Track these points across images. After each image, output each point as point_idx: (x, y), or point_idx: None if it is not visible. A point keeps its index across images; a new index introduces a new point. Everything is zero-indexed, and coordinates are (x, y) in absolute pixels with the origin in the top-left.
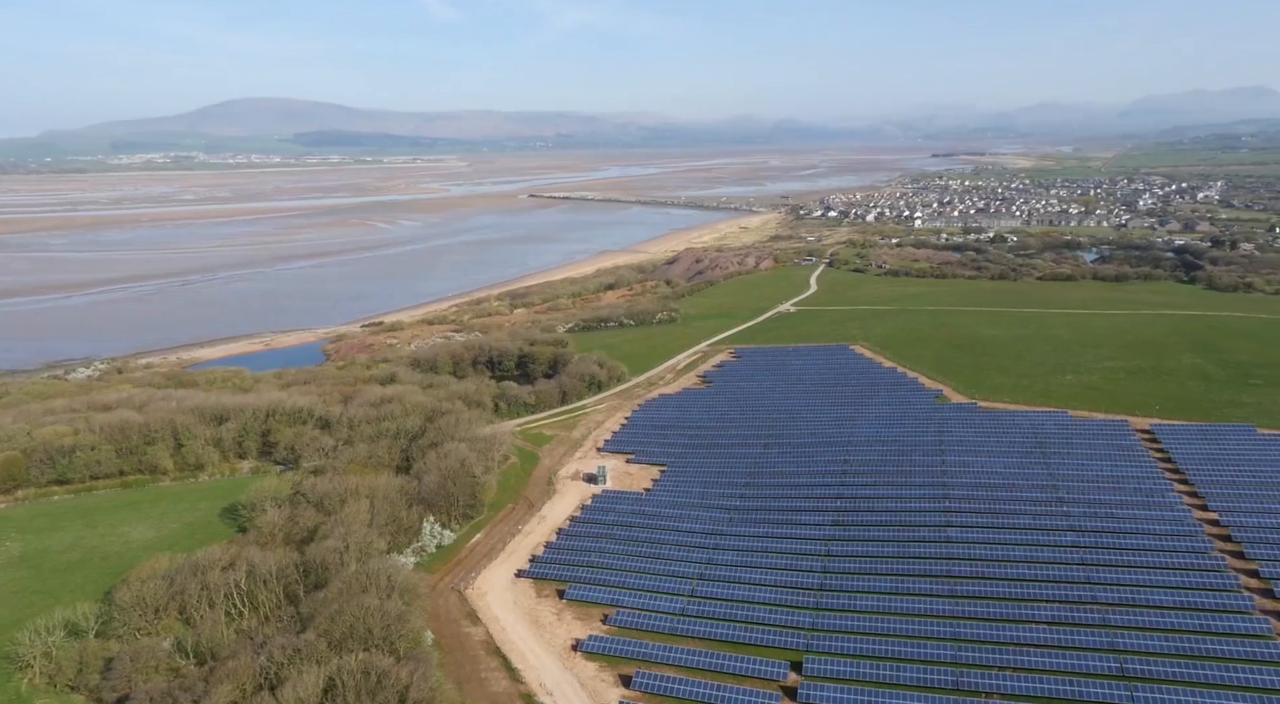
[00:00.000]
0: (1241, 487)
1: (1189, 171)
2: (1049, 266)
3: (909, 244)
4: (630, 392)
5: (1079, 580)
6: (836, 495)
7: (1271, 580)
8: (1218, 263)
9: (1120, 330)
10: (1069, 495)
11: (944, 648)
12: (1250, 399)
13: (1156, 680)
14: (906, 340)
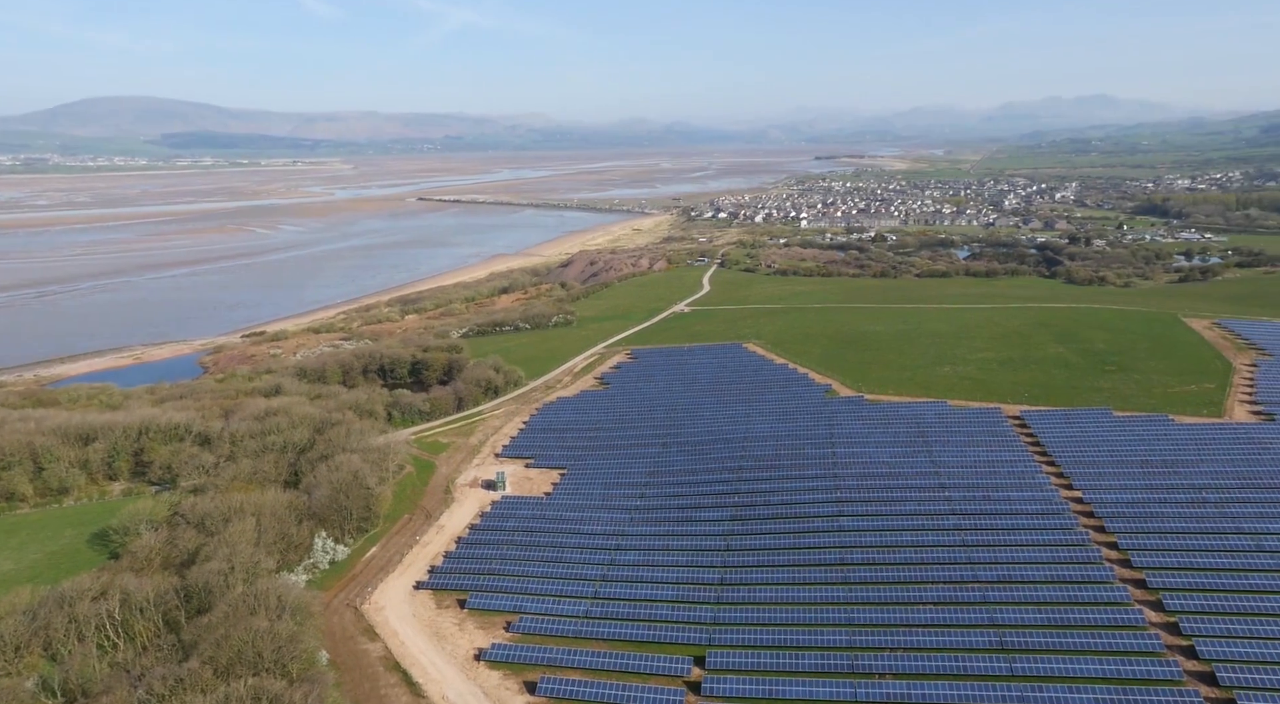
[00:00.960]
0: (1101, 465)
1: (1047, 173)
2: (926, 264)
3: (796, 244)
4: (528, 396)
5: (961, 561)
6: (734, 491)
7: (1129, 551)
8: (1075, 258)
9: (991, 323)
10: (950, 481)
11: (839, 633)
12: (1106, 384)
13: (1031, 651)
14: (796, 337)
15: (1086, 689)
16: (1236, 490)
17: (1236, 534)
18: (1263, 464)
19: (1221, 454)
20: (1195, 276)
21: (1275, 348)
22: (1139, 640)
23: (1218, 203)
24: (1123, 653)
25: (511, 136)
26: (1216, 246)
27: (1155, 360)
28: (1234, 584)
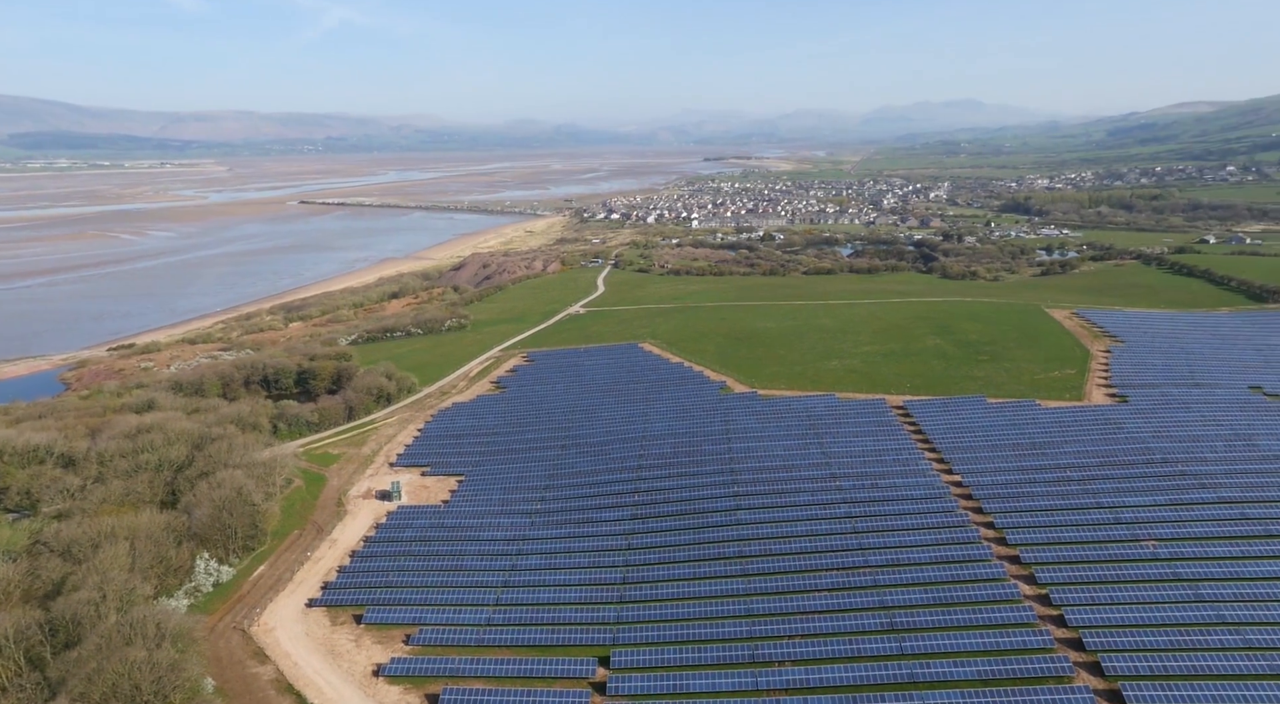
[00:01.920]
0: (977, 450)
1: (922, 174)
2: (812, 262)
3: (688, 244)
4: (422, 402)
5: (853, 548)
6: (634, 490)
7: (1004, 530)
8: (949, 254)
9: (874, 318)
10: (841, 471)
11: (739, 625)
12: (980, 373)
13: (919, 630)
14: (691, 336)
15: (969, 663)
16: (1096, 468)
17: (1097, 509)
18: (1118, 443)
19: (1082, 435)
20: (1055, 270)
21: (1126, 335)
22: (1015, 613)
23: (1073, 201)
24: (1001, 626)
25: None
26: (1073, 242)
27: (1022, 349)
28: (1096, 555)
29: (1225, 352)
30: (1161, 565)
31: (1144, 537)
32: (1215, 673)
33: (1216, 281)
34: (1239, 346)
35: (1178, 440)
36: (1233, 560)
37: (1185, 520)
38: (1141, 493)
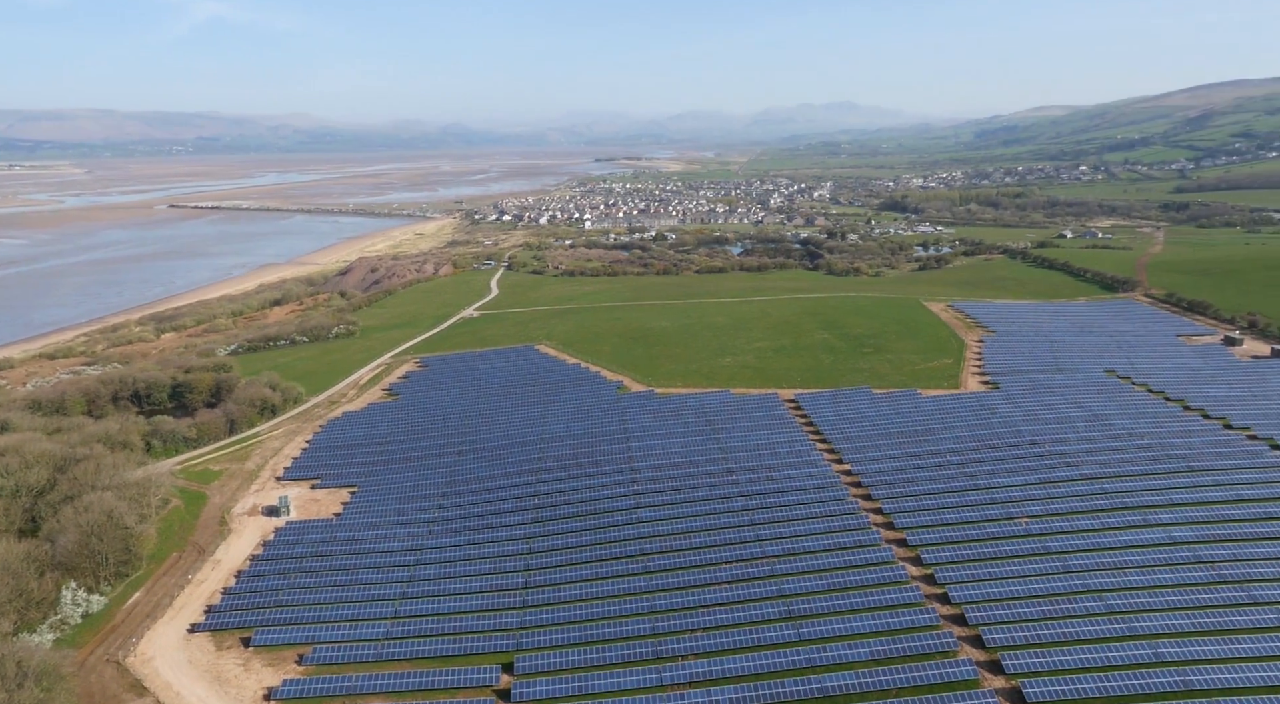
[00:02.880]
0: (865, 439)
1: (806, 174)
2: (704, 260)
3: (581, 245)
4: (310, 413)
5: (750, 539)
6: (534, 493)
7: (892, 515)
8: (833, 252)
9: (765, 314)
10: (737, 465)
11: (643, 622)
12: (866, 365)
13: (815, 615)
14: (587, 337)
15: (863, 644)
16: (973, 452)
17: (975, 490)
18: (991, 427)
19: (960, 421)
20: (932, 265)
21: (996, 325)
22: (903, 594)
23: (945, 199)
24: (891, 607)
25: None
26: (947, 238)
27: (904, 341)
28: (975, 534)
29: (1083, 338)
30: (1033, 541)
31: (1017, 515)
32: (1081, 638)
33: (1074, 273)
34: (1095, 333)
35: (1045, 423)
36: (1095, 532)
37: (1053, 498)
38: (1014, 474)
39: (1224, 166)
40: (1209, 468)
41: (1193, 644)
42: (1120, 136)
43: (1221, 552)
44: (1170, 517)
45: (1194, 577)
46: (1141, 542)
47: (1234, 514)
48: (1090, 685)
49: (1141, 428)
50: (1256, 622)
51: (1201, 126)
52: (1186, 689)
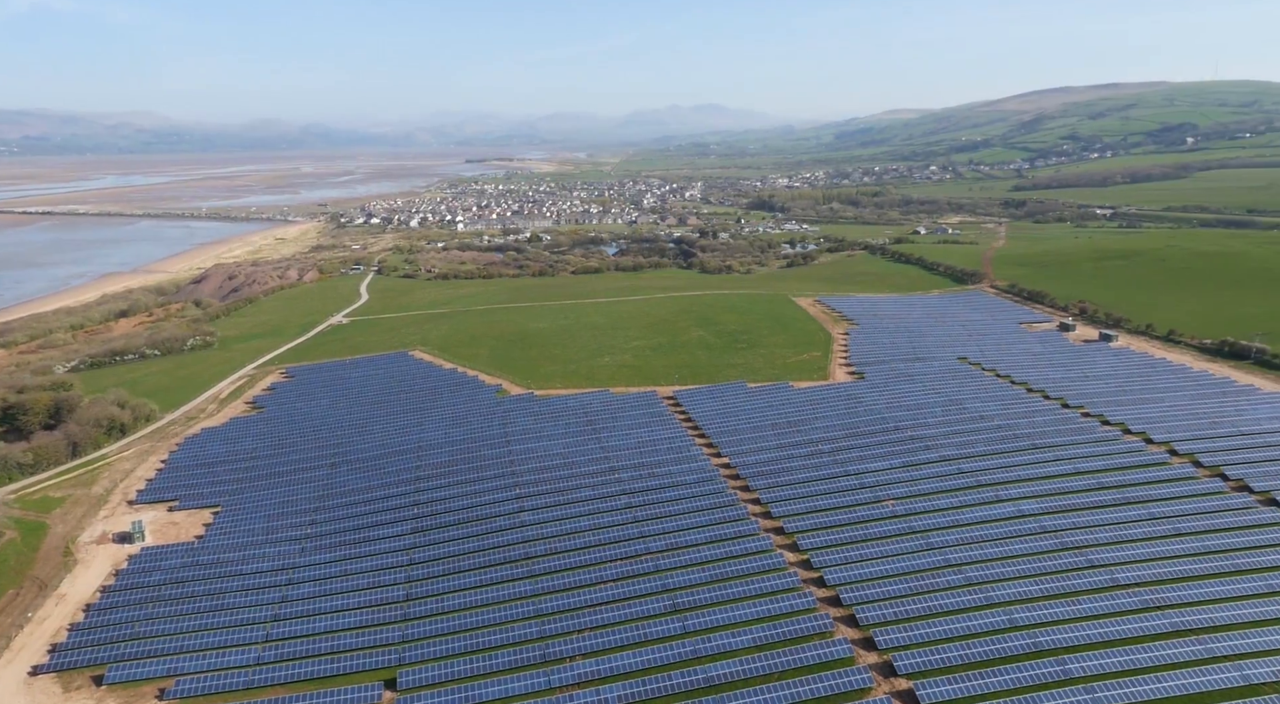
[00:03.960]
0: (742, 433)
1: (677, 174)
2: (580, 261)
3: (455, 248)
4: (165, 431)
5: (634, 536)
6: (413, 503)
7: (769, 504)
8: (706, 250)
9: (642, 313)
10: (619, 463)
11: (529, 626)
12: (740, 360)
13: (699, 607)
14: (463, 341)
15: (745, 631)
16: (843, 440)
17: (845, 476)
18: (859, 415)
19: (830, 411)
20: (799, 262)
21: (860, 318)
22: (782, 580)
23: (810, 199)
24: (770, 593)
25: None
26: (812, 235)
27: (775, 335)
28: (847, 518)
29: (939, 328)
30: (899, 521)
31: (884, 498)
32: (944, 610)
33: (928, 267)
34: (948, 323)
35: (906, 409)
36: (953, 510)
37: (916, 479)
38: (880, 458)
39: (1055, 166)
40: (1050, 444)
41: (1040, 608)
42: (965, 138)
43: (1063, 521)
44: (1019, 491)
45: (1040, 546)
46: (994, 516)
47: (1073, 486)
48: (953, 654)
49: (992, 410)
50: (1093, 583)
51: (1034, 130)
52: (1036, 650)
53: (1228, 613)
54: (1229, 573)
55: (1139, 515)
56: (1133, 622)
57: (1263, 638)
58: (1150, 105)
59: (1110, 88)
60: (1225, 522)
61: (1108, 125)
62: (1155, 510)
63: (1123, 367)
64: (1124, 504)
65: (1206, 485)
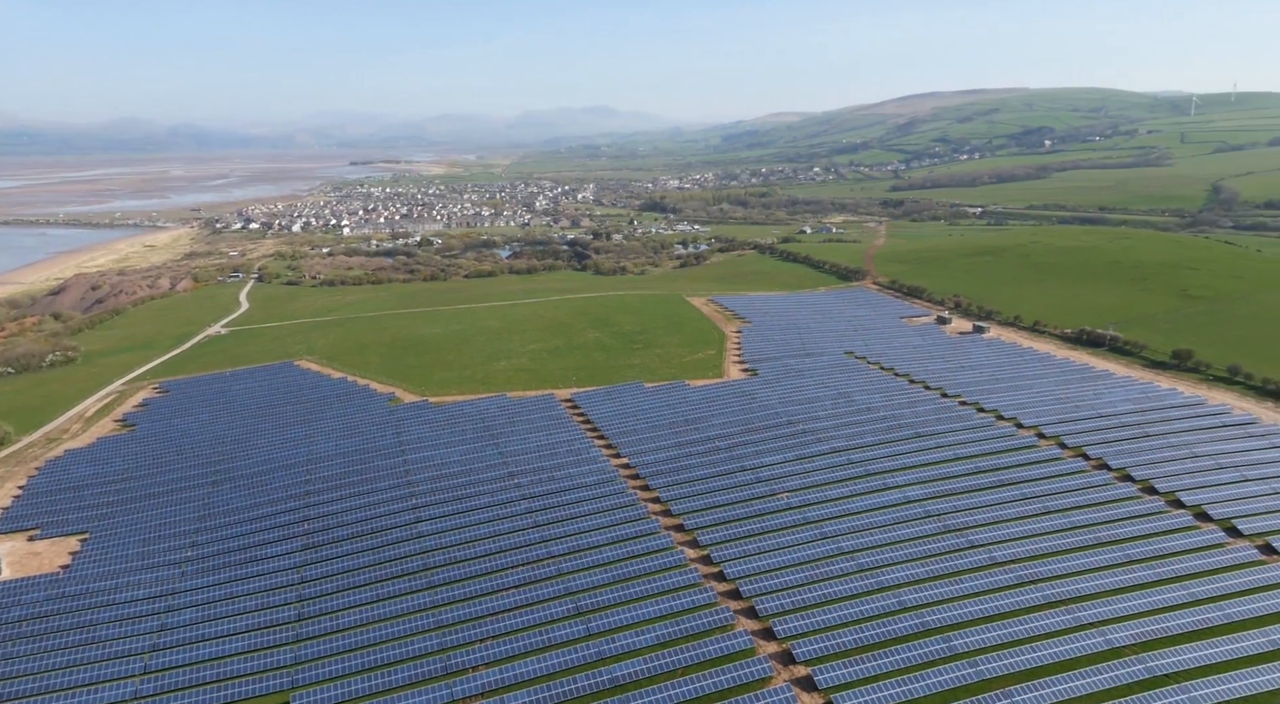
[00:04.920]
0: (640, 433)
1: (569, 176)
2: (473, 265)
3: (341, 253)
4: (22, 454)
5: (536, 541)
6: (303, 518)
7: (669, 502)
8: (600, 252)
9: (537, 316)
10: (518, 468)
11: (430, 639)
12: (637, 361)
13: (602, 609)
14: (353, 348)
15: (649, 630)
16: (739, 436)
17: (741, 471)
18: (753, 411)
19: (726, 408)
20: (692, 262)
21: (752, 316)
22: (683, 577)
23: (700, 200)
24: (672, 591)
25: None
26: (704, 236)
27: (670, 335)
28: (744, 512)
29: (826, 324)
30: (794, 513)
31: (780, 490)
32: (838, 596)
33: (815, 265)
34: (835, 319)
35: (798, 403)
36: (844, 499)
37: (809, 471)
38: (775, 452)
39: (928, 167)
40: (932, 432)
41: (927, 589)
42: (845, 141)
43: (945, 505)
44: (905, 479)
45: (925, 529)
46: (883, 503)
47: (953, 471)
48: (848, 638)
49: (878, 402)
50: (974, 562)
51: (908, 133)
52: (924, 629)
53: (1092, 583)
54: (1092, 546)
55: (1013, 496)
56: (1010, 596)
57: (1123, 604)
58: (1012, 110)
59: (976, 93)
60: (1088, 498)
61: (975, 129)
62: (1027, 491)
63: (995, 356)
64: (999, 486)
65: (1071, 465)
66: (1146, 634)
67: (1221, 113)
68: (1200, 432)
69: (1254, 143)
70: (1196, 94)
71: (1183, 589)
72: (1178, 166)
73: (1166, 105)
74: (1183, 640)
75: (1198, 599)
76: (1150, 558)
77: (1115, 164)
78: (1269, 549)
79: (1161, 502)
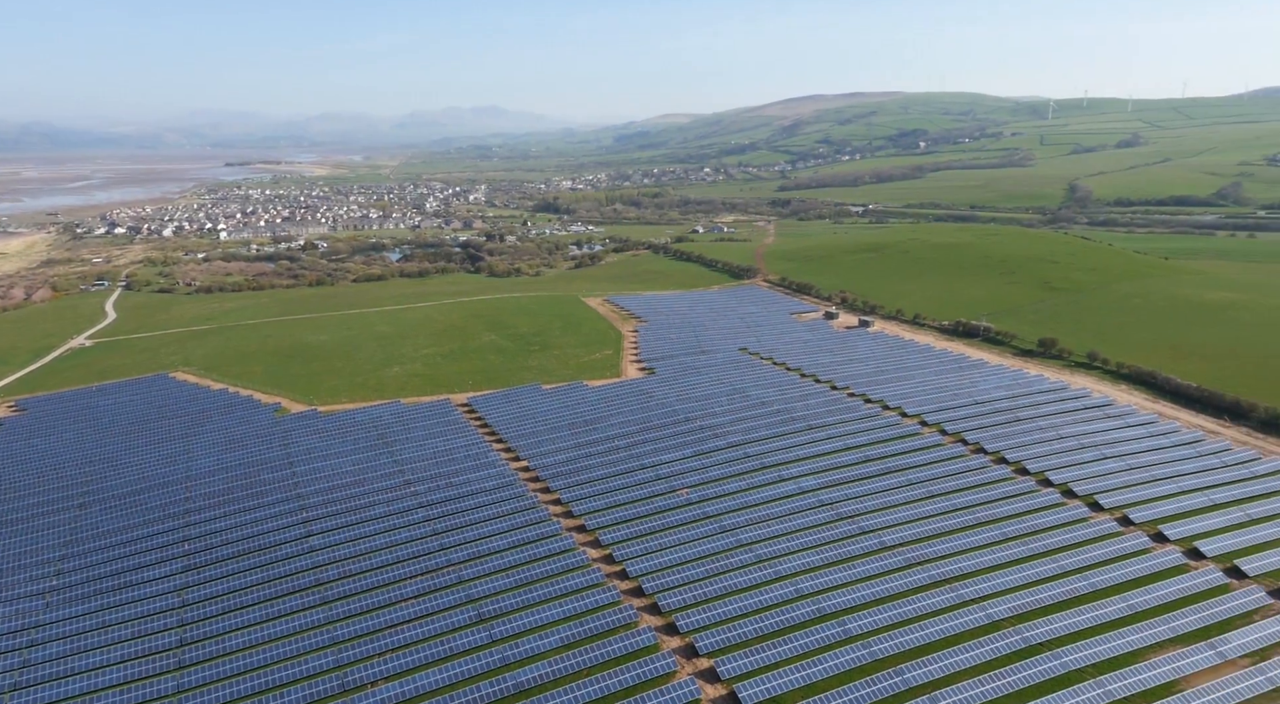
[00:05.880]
0: (539, 435)
1: (460, 177)
2: (361, 268)
3: (218, 258)
4: None
5: (434, 550)
6: (183, 538)
7: (570, 503)
8: (494, 254)
9: (431, 320)
10: (414, 476)
11: (325, 656)
12: (534, 362)
13: (505, 614)
14: (234, 358)
15: (553, 633)
16: (638, 434)
17: (641, 470)
18: (651, 410)
19: (624, 407)
20: (587, 262)
21: (648, 315)
22: (586, 577)
23: (594, 200)
24: (576, 591)
25: None
26: (598, 236)
27: (567, 336)
28: (645, 510)
29: (721, 322)
30: (694, 508)
31: (679, 487)
32: (739, 588)
33: (708, 264)
34: (729, 317)
35: (695, 400)
36: (742, 492)
37: (707, 467)
38: (674, 449)
39: (813, 168)
40: (823, 424)
41: (823, 576)
42: (734, 142)
43: (837, 494)
44: (798, 470)
45: (820, 518)
46: (779, 495)
47: (844, 461)
48: (748, 629)
49: (771, 396)
50: (865, 548)
51: (793, 134)
52: (820, 615)
53: (973, 561)
54: (972, 526)
55: (899, 482)
56: (899, 579)
57: (1001, 580)
58: (889, 113)
59: (855, 96)
60: (967, 481)
61: (855, 130)
62: (912, 477)
63: (879, 349)
64: (887, 473)
65: (951, 451)
66: (1022, 607)
67: (1075, 117)
68: (1065, 415)
69: (1104, 145)
70: (1053, 99)
71: (1053, 562)
72: (1039, 167)
73: (1027, 109)
74: (1054, 610)
75: (1066, 571)
76: (1024, 535)
77: (983, 164)
78: (1126, 521)
79: (1033, 481)
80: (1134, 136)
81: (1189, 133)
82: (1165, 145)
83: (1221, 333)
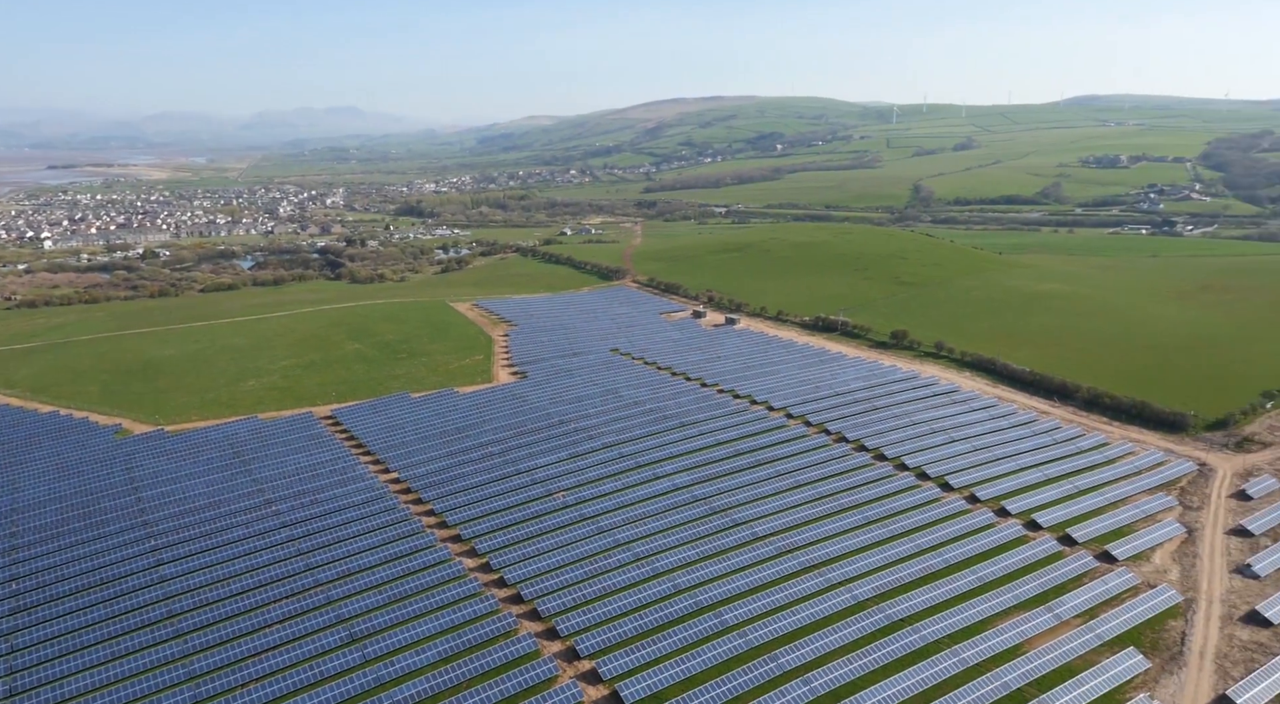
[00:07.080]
0: (410, 445)
1: (315, 180)
2: (209, 278)
3: (43, 269)
4: None
5: (300, 570)
6: (10, 578)
7: (444, 513)
8: (355, 259)
9: (288, 330)
10: (275, 494)
11: (182, 692)
12: (402, 371)
13: (379, 632)
14: (65, 377)
15: (430, 647)
16: (512, 439)
17: (516, 475)
18: (525, 414)
19: (497, 413)
20: (453, 267)
21: (518, 319)
22: (463, 587)
23: (458, 203)
24: (453, 603)
25: None
26: (464, 240)
27: (436, 342)
28: (521, 515)
29: (592, 323)
30: (571, 511)
31: (555, 490)
32: (617, 587)
33: (577, 266)
34: (599, 318)
35: (568, 402)
36: (618, 492)
37: (582, 469)
38: (549, 453)
39: (676, 169)
40: (694, 421)
41: (698, 570)
42: (599, 144)
43: (710, 488)
44: (672, 467)
45: (694, 513)
46: (654, 493)
47: (715, 456)
48: (628, 627)
49: (644, 395)
50: (738, 539)
51: (657, 137)
52: (698, 608)
53: (838, 546)
54: (837, 512)
55: (768, 474)
56: (771, 567)
57: (864, 562)
58: (747, 116)
59: (714, 100)
60: (831, 469)
61: (715, 133)
62: (780, 468)
63: (745, 346)
64: (757, 466)
65: (816, 441)
66: (884, 586)
67: (917, 122)
68: (917, 402)
69: (943, 147)
70: (897, 104)
71: (910, 542)
72: (886, 168)
73: (874, 114)
74: (912, 587)
75: (922, 549)
76: (884, 518)
77: (836, 166)
78: (973, 499)
79: (890, 466)
80: (968, 140)
81: (1015, 137)
82: (996, 148)
83: (1049, 321)
